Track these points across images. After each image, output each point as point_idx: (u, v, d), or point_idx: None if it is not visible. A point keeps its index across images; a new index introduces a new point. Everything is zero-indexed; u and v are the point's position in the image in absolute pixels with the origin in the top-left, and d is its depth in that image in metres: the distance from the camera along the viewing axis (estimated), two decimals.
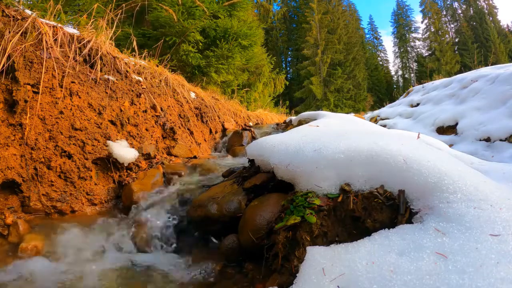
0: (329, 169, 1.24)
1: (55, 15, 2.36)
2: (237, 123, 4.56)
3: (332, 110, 21.39)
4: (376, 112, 7.38)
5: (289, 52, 32.06)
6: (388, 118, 6.04)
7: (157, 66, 3.21)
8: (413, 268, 0.78)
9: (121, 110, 2.34)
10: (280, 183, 1.48)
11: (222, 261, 1.45)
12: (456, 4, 34.33)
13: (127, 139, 2.31)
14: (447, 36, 32.29)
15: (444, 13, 34.38)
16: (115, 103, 2.32)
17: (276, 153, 1.54)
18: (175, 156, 2.70)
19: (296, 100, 25.82)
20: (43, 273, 1.38)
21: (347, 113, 10.49)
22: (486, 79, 4.39)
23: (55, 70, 1.96)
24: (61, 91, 1.96)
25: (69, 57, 2.10)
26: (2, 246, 1.58)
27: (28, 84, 1.81)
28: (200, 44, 4.72)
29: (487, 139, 3.38)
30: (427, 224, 0.91)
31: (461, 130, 3.84)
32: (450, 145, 3.57)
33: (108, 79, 2.34)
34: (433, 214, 0.93)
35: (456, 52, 31.02)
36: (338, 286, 0.82)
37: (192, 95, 3.58)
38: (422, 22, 35.57)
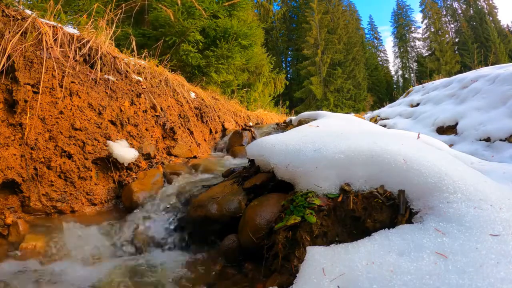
0: (329, 169, 1.24)
1: (55, 15, 2.36)
2: (237, 123, 4.56)
3: (332, 110, 21.38)
4: (376, 112, 7.37)
5: (289, 52, 32.05)
6: (388, 118, 6.03)
7: (157, 66, 3.21)
8: (413, 268, 0.78)
9: (121, 110, 2.34)
10: (280, 183, 1.48)
11: (222, 261, 1.45)
12: (456, 4, 34.32)
13: (127, 139, 2.31)
14: (447, 36, 32.26)
15: (444, 13, 34.34)
16: (115, 103, 2.32)
17: (276, 153, 1.54)
18: (175, 156, 2.70)
19: (296, 100, 25.82)
20: (42, 273, 1.38)
21: (347, 113, 10.48)
22: (486, 79, 4.38)
23: (55, 70, 1.96)
24: (61, 91, 1.96)
25: (69, 57, 2.10)
26: (2, 246, 1.58)
27: (28, 84, 1.81)
28: (200, 44, 4.72)
29: (487, 139, 3.37)
30: (427, 224, 0.91)
31: (461, 130, 3.83)
32: (450, 145, 3.57)
33: (108, 79, 2.34)
34: (433, 214, 0.93)
35: (456, 52, 30.98)
36: (338, 286, 0.82)
37: (192, 95, 3.58)
38: (422, 22, 35.55)
